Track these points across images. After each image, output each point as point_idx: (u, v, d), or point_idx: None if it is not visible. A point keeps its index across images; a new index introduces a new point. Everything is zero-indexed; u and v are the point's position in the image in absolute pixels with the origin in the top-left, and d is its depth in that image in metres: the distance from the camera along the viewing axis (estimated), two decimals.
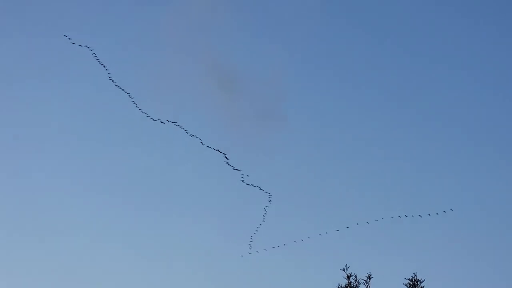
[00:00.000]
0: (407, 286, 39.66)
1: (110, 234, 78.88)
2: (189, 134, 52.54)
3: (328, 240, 56.34)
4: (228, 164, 53.40)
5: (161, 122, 52.31)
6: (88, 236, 75.36)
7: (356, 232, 56.11)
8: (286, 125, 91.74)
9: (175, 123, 51.97)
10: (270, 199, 53.18)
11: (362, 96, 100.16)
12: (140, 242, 77.24)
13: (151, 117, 51.99)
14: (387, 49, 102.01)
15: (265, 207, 53.81)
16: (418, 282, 39.59)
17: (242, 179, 53.15)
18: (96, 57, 49.34)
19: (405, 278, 39.90)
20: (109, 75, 50.17)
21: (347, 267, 40.88)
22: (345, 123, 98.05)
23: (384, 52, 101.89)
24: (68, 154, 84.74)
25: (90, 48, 48.96)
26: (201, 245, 77.41)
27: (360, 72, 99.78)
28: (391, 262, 70.88)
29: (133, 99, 51.36)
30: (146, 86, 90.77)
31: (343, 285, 40.43)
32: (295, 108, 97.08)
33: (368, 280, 40.57)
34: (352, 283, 40.48)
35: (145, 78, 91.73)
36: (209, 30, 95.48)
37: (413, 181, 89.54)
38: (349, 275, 40.70)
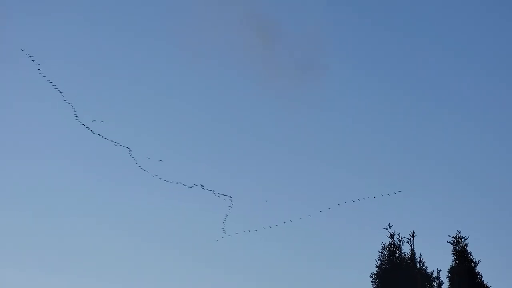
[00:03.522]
0: (451, 244, 39.65)
1: (90, 208, 78.80)
2: (115, 143, 51.76)
3: (371, 201, 56.08)
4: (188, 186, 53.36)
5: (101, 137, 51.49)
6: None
7: (401, 192, 55.65)
8: (327, 75, 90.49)
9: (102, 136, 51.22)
10: (231, 202, 53.02)
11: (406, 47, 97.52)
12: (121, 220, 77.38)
13: (105, 138, 51.18)
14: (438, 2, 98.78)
15: (230, 198, 53.45)
16: (462, 239, 39.56)
17: (202, 186, 52.84)
18: (41, 73, 47.94)
19: (449, 236, 39.91)
20: (57, 89, 48.68)
21: (390, 225, 41.00)
22: (388, 72, 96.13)
23: (436, 6, 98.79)
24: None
25: (36, 62, 47.42)
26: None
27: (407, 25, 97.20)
28: (434, 220, 70.55)
29: (75, 111, 50.20)
30: (184, 36, 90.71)
31: (387, 244, 40.58)
32: (336, 58, 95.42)
33: (412, 238, 40.62)
34: (395, 242, 40.59)
35: (181, 26, 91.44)
36: None
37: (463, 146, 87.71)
38: (392, 233, 40.81)
